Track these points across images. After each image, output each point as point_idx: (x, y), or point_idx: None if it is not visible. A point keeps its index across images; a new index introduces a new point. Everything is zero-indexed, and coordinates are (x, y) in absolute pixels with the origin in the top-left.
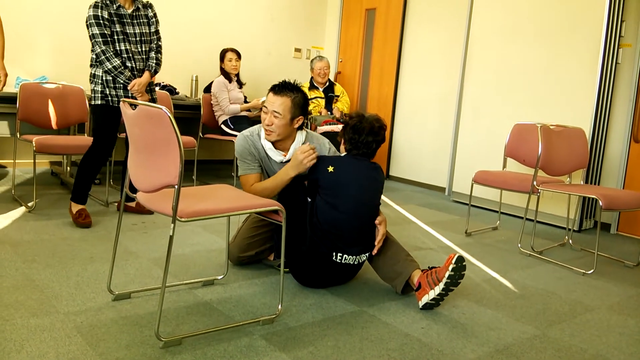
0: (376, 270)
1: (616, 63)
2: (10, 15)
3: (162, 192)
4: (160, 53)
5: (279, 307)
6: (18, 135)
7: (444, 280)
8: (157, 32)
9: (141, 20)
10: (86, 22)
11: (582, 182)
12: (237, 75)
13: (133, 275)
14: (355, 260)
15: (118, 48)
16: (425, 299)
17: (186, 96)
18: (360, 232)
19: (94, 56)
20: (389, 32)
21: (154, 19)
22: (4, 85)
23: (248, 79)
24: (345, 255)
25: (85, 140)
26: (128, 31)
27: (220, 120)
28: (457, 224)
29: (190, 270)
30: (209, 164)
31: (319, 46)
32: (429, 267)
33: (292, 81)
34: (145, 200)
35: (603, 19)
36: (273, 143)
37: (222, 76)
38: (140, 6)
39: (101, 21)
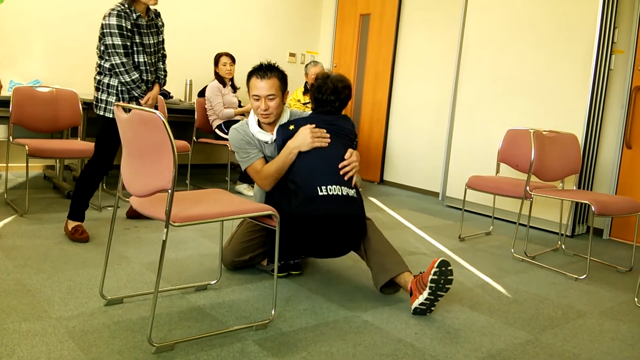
0: (367, 258)
1: (609, 69)
2: (4, 19)
3: (155, 197)
4: (165, 63)
5: (272, 312)
6: (11, 139)
7: (428, 284)
8: (163, 41)
9: (153, 30)
10: (104, 29)
11: (574, 188)
12: (232, 79)
13: (125, 280)
14: (341, 191)
15: (136, 60)
16: (415, 304)
17: (180, 100)
18: (335, 169)
19: (109, 66)
20: (384, 37)
21: (162, 28)
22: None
23: (242, 83)
24: (329, 186)
25: (79, 144)
26: (145, 42)
27: (214, 124)
28: (450, 229)
29: (183, 275)
30: (202, 169)
31: (314, 51)
32: (420, 272)
33: (266, 61)
34: (138, 205)
35: (596, 25)
36: (260, 125)
37: (216, 80)
38: (153, 15)
39: (124, 32)
